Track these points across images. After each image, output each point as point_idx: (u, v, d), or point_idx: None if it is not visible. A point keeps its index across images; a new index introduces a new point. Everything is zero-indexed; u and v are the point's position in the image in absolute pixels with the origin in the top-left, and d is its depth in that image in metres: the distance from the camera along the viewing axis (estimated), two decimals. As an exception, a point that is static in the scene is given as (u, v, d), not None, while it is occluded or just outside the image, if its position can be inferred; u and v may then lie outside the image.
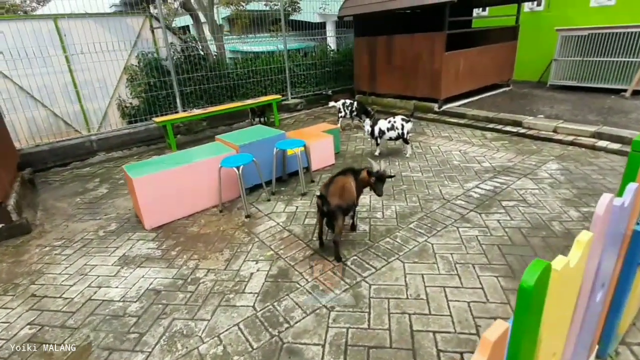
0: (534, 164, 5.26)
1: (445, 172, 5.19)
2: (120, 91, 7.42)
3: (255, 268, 3.40)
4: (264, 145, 4.71)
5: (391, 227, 3.90)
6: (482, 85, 8.63)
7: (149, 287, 3.23)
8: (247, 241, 3.86)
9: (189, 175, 4.24)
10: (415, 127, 7.30)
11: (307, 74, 9.53)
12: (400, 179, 5.06)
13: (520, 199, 4.33)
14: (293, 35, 11.08)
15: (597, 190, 4.39)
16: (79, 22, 6.51)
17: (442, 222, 3.92)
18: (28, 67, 6.19)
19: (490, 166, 5.30)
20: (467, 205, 4.25)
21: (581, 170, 4.98)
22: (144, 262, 3.59)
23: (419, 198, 4.50)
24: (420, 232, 3.77)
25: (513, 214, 4.01)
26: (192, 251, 3.74)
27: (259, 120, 8.24)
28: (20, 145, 6.19)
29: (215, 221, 4.29)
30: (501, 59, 8.80)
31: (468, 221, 3.92)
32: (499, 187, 4.63)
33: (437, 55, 7.36)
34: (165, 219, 4.21)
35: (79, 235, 4.12)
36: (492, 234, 3.66)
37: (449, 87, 7.68)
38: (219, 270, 3.40)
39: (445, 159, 5.64)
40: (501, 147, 5.99)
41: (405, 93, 8.29)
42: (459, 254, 3.38)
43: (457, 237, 3.64)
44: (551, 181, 4.73)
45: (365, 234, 3.84)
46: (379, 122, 5.56)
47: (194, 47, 7.58)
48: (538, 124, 6.45)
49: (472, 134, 6.77)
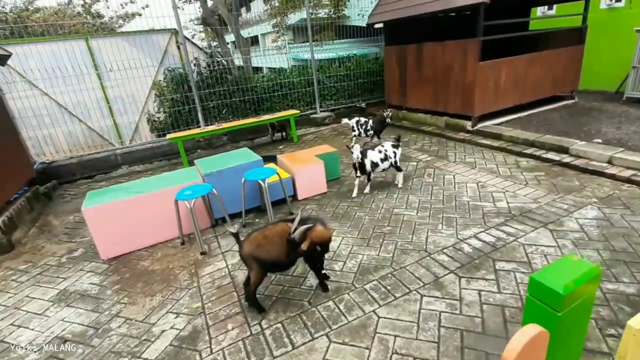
0: (565, 208, 4.00)
1: (446, 212, 4.20)
2: (149, 106, 7.57)
3: (171, 324, 2.96)
4: (233, 174, 4.24)
5: (343, 286, 3.16)
6: (533, 99, 7.09)
7: (59, 333, 2.97)
8: (185, 285, 3.43)
9: (147, 206, 3.95)
10: (438, 149, 6.23)
11: (339, 85, 8.83)
12: (387, 217, 4.21)
13: (524, 260, 3.24)
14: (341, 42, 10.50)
15: (639, 258, 3.12)
16: (108, 41, 6.73)
17: (406, 286, 3.06)
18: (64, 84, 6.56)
19: (506, 207, 4.16)
20: (449, 263, 3.30)
21: (628, 222, 3.63)
22: (76, 300, 3.37)
23: (396, 247, 3.64)
24: (372, 298, 2.97)
25: (505, 282, 2.99)
26: (127, 292, 3.42)
27: (280, 136, 7.83)
28: (52, 157, 6.59)
29: (170, 255, 3.95)
30: (561, 67, 7.15)
31: (440, 288, 3.00)
32: (502, 240, 3.55)
33: (469, 65, 6.16)
34: (123, 249, 3.98)
35: (44, 260, 4.09)
36: (462, 313, 2.73)
37: (485, 102, 6.41)
38: (135, 322, 3.02)
39: (454, 194, 4.60)
40: (532, 181, 4.73)
41: (436, 108, 7.16)
42: (404, 339, 2.55)
43: (415, 312, 2.78)
44: (578, 236, 3.50)
45: (309, 291, 3.16)
46: (368, 152, 4.64)
47: (219, 61, 7.41)
48: (589, 151, 4.99)
49: (503, 160, 5.51)
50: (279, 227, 2.89)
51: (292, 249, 2.78)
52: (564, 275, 1.29)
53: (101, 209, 3.76)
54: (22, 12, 12.51)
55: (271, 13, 11.58)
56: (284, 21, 10.84)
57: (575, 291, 1.25)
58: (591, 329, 2.48)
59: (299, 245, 2.73)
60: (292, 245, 2.76)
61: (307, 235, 2.76)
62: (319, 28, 9.58)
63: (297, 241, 2.73)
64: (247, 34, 18.66)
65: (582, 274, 1.30)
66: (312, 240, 2.81)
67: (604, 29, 8.21)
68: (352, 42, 10.29)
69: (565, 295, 1.22)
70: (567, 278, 1.27)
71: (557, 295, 1.22)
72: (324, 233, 2.90)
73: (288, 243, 2.77)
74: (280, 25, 10.91)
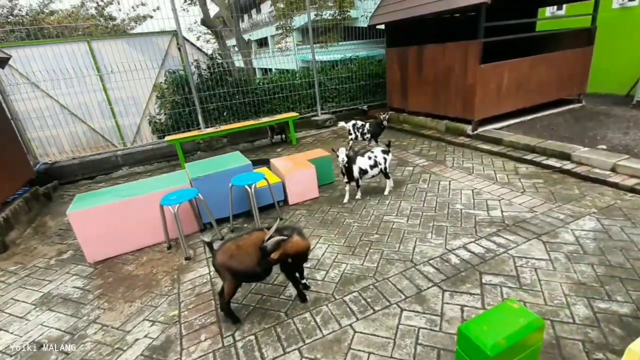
0: (562, 219, 3.79)
1: (437, 220, 4.02)
2: (151, 108, 7.56)
3: (145, 332, 2.88)
4: (221, 178, 4.15)
5: (322, 297, 3.04)
6: (537, 102, 6.81)
7: (37, 338, 2.93)
8: (166, 292, 3.36)
9: (133, 210, 3.89)
10: (436, 153, 6.03)
11: (340, 87, 8.67)
12: (377, 225, 4.06)
13: (513, 274, 3.06)
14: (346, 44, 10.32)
15: (636, 274, 2.90)
16: (109, 43, 6.73)
17: (386, 299, 2.92)
18: (67, 86, 6.59)
19: (500, 216, 3.96)
20: (434, 275, 3.14)
21: (627, 235, 3.41)
22: (57, 304, 3.33)
23: (382, 256, 3.49)
24: (350, 311, 2.84)
25: (490, 297, 2.82)
26: (108, 297, 3.37)
27: (280, 138, 7.73)
28: (56, 158, 6.63)
29: (155, 260, 3.88)
30: (567, 69, 6.84)
31: (421, 302, 2.85)
32: (492, 251, 3.37)
33: (470, 67, 5.94)
34: (109, 252, 3.94)
35: (34, 262, 4.08)
36: (442, 330, 2.58)
37: (487, 106, 6.17)
38: (111, 329, 2.96)
39: (447, 201, 4.42)
40: (530, 189, 4.50)
41: (436, 112, 6.94)
42: (378, 357, 2.41)
43: (392, 327, 2.64)
44: (573, 249, 3.30)
45: (287, 301, 3.04)
46: (357, 159, 4.46)
47: (219, 63, 7.34)
48: (592, 158, 4.74)
49: (502, 166, 5.28)
50: (254, 237, 2.78)
51: (263, 258, 2.67)
52: (498, 329, 1.09)
53: (86, 213, 3.72)
54: (37, 14, 12.73)
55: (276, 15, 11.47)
56: (287, 23, 10.73)
57: (509, 349, 1.05)
58: (577, 352, 2.30)
59: (269, 254, 2.62)
60: (263, 254, 2.65)
61: (280, 245, 2.65)
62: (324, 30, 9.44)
63: (268, 250, 2.62)
64: (257, 35, 18.62)
65: (520, 328, 1.11)
66: (285, 251, 2.70)
67: (616, 29, 7.85)
68: (358, 43, 10.12)
69: (493, 356, 1.03)
70: (500, 332, 1.07)
71: (484, 355, 1.03)
72: (300, 244, 2.79)
73: (260, 251, 2.66)
74: (284, 28, 10.80)
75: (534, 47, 7.18)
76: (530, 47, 7.11)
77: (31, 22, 12.15)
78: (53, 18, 12.91)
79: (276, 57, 10.24)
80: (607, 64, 8.03)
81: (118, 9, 13.47)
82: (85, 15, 13.36)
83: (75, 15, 13.07)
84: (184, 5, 10.78)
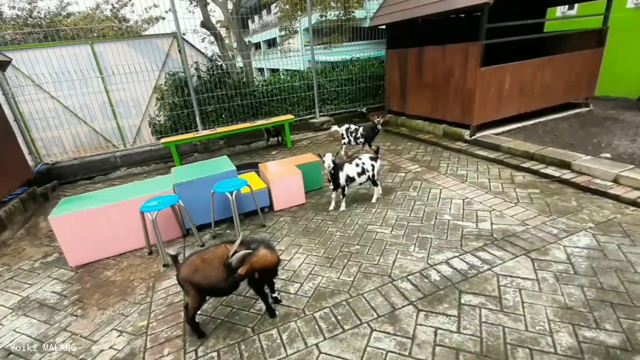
0: (555, 234, 3.52)
1: (422, 231, 3.80)
2: (151, 109, 7.52)
3: (111, 343, 2.78)
4: (203, 184, 4.02)
5: (292, 312, 2.88)
6: (542, 107, 6.45)
7: (7, 345, 2.87)
8: (139, 300, 3.26)
9: (114, 215, 3.81)
10: (431, 159, 5.76)
11: (340, 89, 8.44)
12: (359, 235, 3.87)
13: (495, 294, 2.83)
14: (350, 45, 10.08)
15: (629, 299, 2.63)
16: (111, 45, 6.71)
17: (358, 317, 2.74)
18: (70, 88, 6.60)
19: (489, 229, 3.72)
20: (411, 292, 2.94)
21: (624, 254, 3.12)
22: (33, 309, 3.27)
23: (360, 269, 3.30)
24: (319, 329, 2.67)
25: (467, 320, 2.60)
26: (83, 303, 3.29)
27: (276, 140, 7.58)
28: (59, 158, 6.66)
29: (135, 266, 3.79)
30: (574, 72, 6.46)
31: (394, 322, 2.66)
32: (475, 268, 3.14)
33: (470, 71, 5.64)
34: (91, 257, 3.87)
35: (20, 263, 4.05)
36: (411, 354, 2.38)
37: (486, 110, 5.86)
38: (79, 338, 2.87)
39: (435, 211, 4.18)
40: (524, 199, 4.23)
41: (434, 116, 6.65)
42: (338, 383, 2.24)
43: (360, 349, 2.46)
44: (563, 268, 3.04)
45: (257, 315, 2.89)
46: (344, 166, 4.23)
47: (219, 65, 7.22)
48: (593, 167, 4.42)
49: (497, 174, 5.00)
50: (220, 250, 2.64)
51: (229, 274, 2.52)
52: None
53: (68, 218, 3.66)
54: (55, 16, 12.92)
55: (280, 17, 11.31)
56: (290, 25, 10.56)
57: None
58: (553, 387, 2.08)
59: (235, 270, 2.47)
60: (228, 270, 2.50)
61: (246, 260, 2.50)
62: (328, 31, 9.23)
63: (233, 267, 2.46)
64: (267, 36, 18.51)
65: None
66: (251, 266, 2.55)
67: (630, 30, 7.39)
68: (364, 44, 9.86)
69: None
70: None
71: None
72: (267, 258, 2.64)
73: (225, 268, 2.51)
74: (288, 29, 10.63)
75: (543, 48, 6.82)
76: (540, 49, 6.76)
77: (49, 25, 12.33)
78: (70, 20, 13.09)
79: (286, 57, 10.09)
80: (619, 67, 7.57)
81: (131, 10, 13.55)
82: (99, 18, 13.49)
83: (91, 17, 13.21)
84: (190, 7, 10.75)
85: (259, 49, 21.39)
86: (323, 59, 9.77)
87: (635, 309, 2.55)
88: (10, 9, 12.38)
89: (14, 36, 11.41)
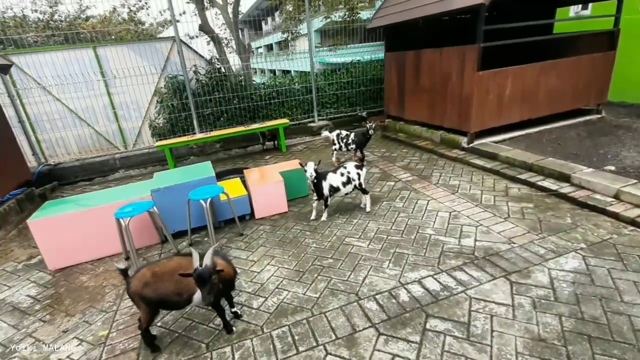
0: (541, 254, 3.25)
1: (400, 246, 3.61)
2: (152, 112, 7.58)
3: (70, 352, 2.75)
4: (181, 190, 3.96)
5: (251, 329, 2.76)
6: (547, 113, 6.08)
7: (-28, 349, 2.90)
8: (106, 307, 3.22)
9: (92, 220, 3.80)
10: (424, 167, 5.50)
11: (340, 93, 8.26)
12: (335, 247, 3.70)
13: (464, 320, 2.62)
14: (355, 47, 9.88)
15: (609, 333, 2.38)
16: (114, 49, 6.78)
17: (315, 338, 2.59)
18: (74, 91, 6.72)
19: (471, 246, 3.49)
20: (375, 313, 2.76)
21: (613, 281, 2.85)
22: (5, 313, 3.29)
23: (328, 285, 3.15)
24: (273, 348, 2.54)
25: (428, 348, 2.42)
26: (53, 309, 3.28)
27: (272, 144, 7.49)
28: (63, 159, 6.80)
29: (110, 272, 3.77)
30: (583, 76, 6.05)
31: (351, 345, 2.50)
32: (448, 289, 2.93)
33: (467, 75, 5.36)
34: (69, 261, 3.88)
35: (5, 265, 4.11)
36: (361, 384, 2.22)
37: (484, 117, 5.56)
38: (41, 345, 2.85)
39: (418, 224, 3.97)
40: (516, 214, 3.95)
41: (432, 122, 6.38)
42: (279, 412, 2.11)
43: (309, 375, 2.32)
44: (543, 294, 2.80)
45: (215, 331, 2.79)
46: (328, 175, 4.06)
47: (218, 68, 7.19)
48: (594, 181, 4.09)
49: (492, 185, 4.72)
50: (173, 263, 2.55)
51: (204, 284, 2.34)
52: None
53: (46, 222, 3.68)
54: (74, 20, 13.31)
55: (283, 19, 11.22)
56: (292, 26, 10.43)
57: None
58: None
59: (210, 278, 2.29)
60: (201, 280, 2.32)
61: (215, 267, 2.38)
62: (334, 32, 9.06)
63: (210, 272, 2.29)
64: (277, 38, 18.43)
65: None
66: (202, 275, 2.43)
67: (648, 32, 6.89)
68: (369, 46, 9.64)
69: None
70: None
71: None
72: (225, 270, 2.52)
73: (197, 279, 2.33)
74: (290, 31, 10.51)
75: (551, 51, 6.43)
76: (548, 52, 6.38)
77: (69, 27, 12.71)
78: (88, 23, 13.46)
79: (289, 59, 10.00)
80: (635, 71, 7.07)
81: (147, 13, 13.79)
82: (116, 21, 13.80)
83: (108, 21, 13.54)
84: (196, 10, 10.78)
85: (271, 50, 21.39)
86: (333, 60, 9.59)
87: (614, 344, 2.30)
88: (33, 12, 12.86)
89: (36, 38, 11.82)
